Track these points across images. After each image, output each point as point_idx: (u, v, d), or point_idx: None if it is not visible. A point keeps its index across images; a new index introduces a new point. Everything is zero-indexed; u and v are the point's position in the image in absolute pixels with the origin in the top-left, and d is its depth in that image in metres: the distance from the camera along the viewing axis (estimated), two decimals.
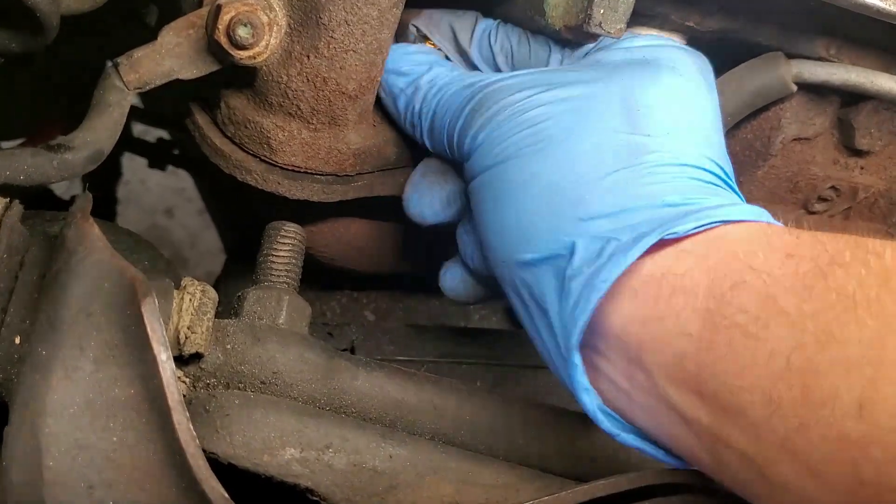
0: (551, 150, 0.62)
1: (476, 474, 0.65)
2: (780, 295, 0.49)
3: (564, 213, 0.59)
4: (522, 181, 0.62)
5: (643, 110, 0.63)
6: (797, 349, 0.47)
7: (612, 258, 0.55)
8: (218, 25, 0.65)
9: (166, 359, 0.52)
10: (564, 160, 0.61)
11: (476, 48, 0.76)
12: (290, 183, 0.76)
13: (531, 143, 0.63)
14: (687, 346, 0.52)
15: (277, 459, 0.60)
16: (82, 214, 0.57)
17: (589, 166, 0.61)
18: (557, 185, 0.61)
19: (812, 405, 0.46)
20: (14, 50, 0.67)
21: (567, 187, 0.60)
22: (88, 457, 0.52)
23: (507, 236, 0.62)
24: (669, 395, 0.53)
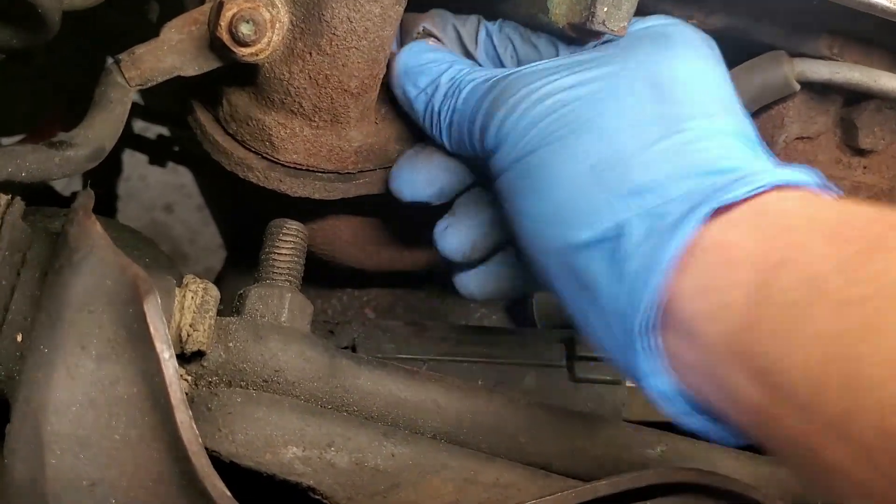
0: (586, 131, 0.61)
1: (478, 473, 0.65)
2: (826, 277, 0.48)
3: (611, 191, 0.58)
4: (561, 165, 0.61)
5: (668, 82, 0.62)
6: (841, 336, 0.46)
7: (667, 235, 0.54)
8: (220, 22, 0.64)
9: (169, 357, 0.52)
10: (602, 138, 0.60)
11: (482, 50, 0.75)
12: (292, 180, 0.76)
13: (562, 126, 0.62)
14: (737, 321, 0.51)
15: (279, 458, 0.60)
16: (84, 211, 0.57)
17: (629, 141, 0.60)
18: (599, 163, 0.60)
19: (857, 393, 0.45)
20: (15, 46, 0.67)
21: (610, 165, 0.59)
22: (90, 454, 0.52)
23: (550, 223, 0.61)
24: (722, 372, 0.52)
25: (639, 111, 0.61)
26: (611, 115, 0.61)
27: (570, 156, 0.61)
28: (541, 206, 0.62)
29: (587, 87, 0.63)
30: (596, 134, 0.61)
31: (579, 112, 0.62)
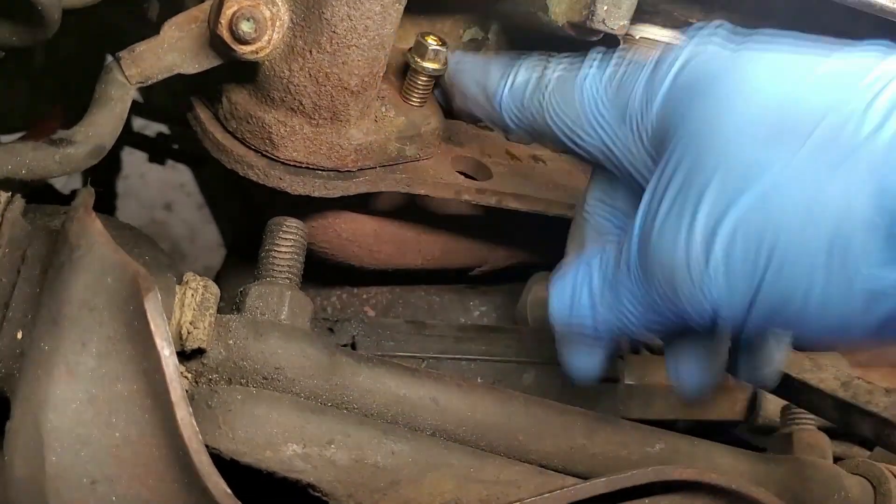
0: None
1: (477, 470, 0.65)
2: None
3: None
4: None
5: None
6: None
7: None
8: (220, 20, 0.64)
9: (169, 354, 0.52)
10: None
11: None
12: (292, 178, 0.76)
13: None
14: None
15: (280, 455, 0.60)
16: (85, 209, 0.57)
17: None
18: None
19: None
20: (14, 44, 0.67)
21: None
22: (91, 452, 0.52)
23: None
24: None
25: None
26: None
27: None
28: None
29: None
30: None
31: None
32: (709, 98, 0.57)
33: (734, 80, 0.56)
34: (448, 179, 0.82)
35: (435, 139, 0.82)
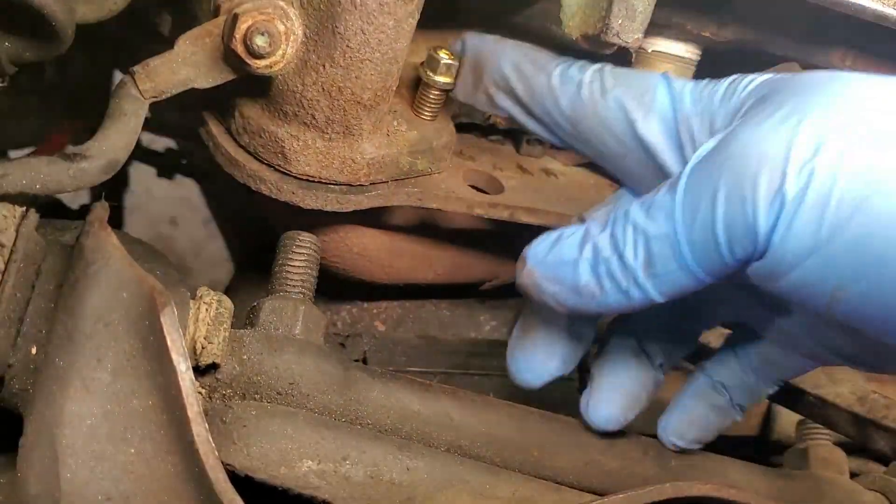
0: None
1: (493, 487, 0.65)
2: None
3: None
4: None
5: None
6: None
7: None
8: (235, 34, 0.64)
9: (185, 369, 0.51)
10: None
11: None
12: (304, 192, 0.76)
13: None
14: None
15: (295, 472, 0.60)
16: (100, 223, 0.56)
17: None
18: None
19: None
20: (28, 59, 0.67)
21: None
22: (106, 468, 0.52)
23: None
24: None
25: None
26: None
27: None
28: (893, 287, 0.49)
29: None
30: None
31: None
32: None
33: None
34: (460, 193, 0.82)
35: (447, 153, 0.82)
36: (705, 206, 0.53)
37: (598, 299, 0.59)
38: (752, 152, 0.52)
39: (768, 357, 0.70)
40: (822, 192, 0.49)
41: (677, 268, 0.56)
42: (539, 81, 0.69)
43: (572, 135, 0.68)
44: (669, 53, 0.81)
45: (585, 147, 0.68)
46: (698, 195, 0.54)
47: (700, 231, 0.54)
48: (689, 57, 0.82)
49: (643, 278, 0.57)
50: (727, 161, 0.53)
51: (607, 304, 0.59)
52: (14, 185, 0.59)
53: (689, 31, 0.78)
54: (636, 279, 0.57)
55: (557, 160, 0.98)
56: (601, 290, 0.59)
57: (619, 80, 0.66)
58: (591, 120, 0.66)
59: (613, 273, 0.58)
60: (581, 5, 0.71)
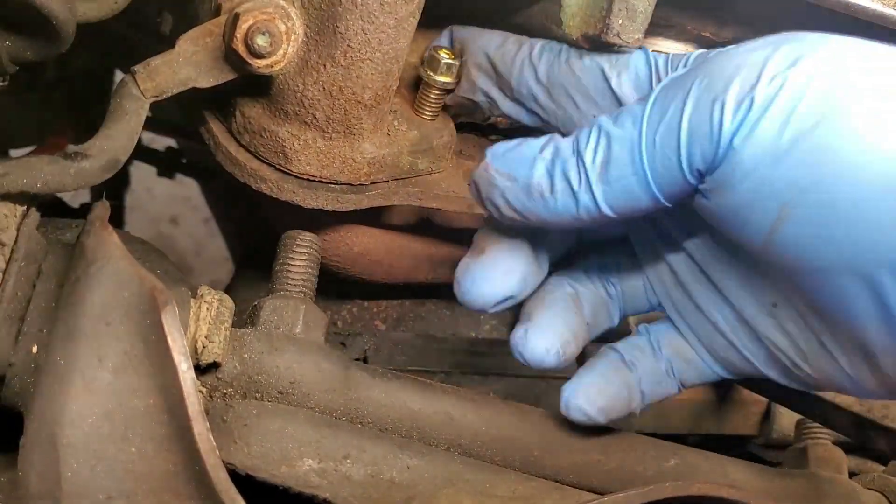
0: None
1: (493, 486, 0.65)
2: None
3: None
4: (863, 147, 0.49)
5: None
6: None
7: None
8: (236, 34, 0.64)
9: (187, 368, 0.51)
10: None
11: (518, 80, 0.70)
12: (305, 192, 0.76)
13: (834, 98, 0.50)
14: None
15: (295, 470, 0.60)
16: (101, 222, 0.56)
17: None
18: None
19: None
20: (28, 58, 0.67)
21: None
22: (107, 467, 0.52)
23: (862, 230, 0.49)
24: None
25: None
26: None
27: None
28: (835, 220, 0.50)
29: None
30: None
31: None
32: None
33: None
34: (460, 193, 0.82)
35: (447, 152, 0.82)
36: (674, 109, 0.54)
37: (548, 201, 0.59)
38: (729, 64, 0.54)
39: (678, 350, 0.69)
40: (790, 101, 0.51)
41: (632, 173, 0.56)
42: (521, 55, 0.71)
43: (545, 104, 0.70)
44: (669, 53, 0.81)
45: (556, 115, 0.69)
46: (668, 100, 0.55)
47: (663, 134, 0.55)
48: None
49: (596, 182, 0.57)
50: (702, 72, 0.55)
51: (555, 211, 0.59)
52: (15, 185, 0.59)
53: (689, 31, 0.78)
54: (588, 182, 0.57)
55: None
56: (552, 191, 0.58)
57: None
58: (567, 80, 0.68)
59: (567, 173, 0.58)
60: (581, 5, 0.71)
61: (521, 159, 0.60)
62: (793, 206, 0.51)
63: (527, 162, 0.60)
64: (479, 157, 0.90)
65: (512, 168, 0.60)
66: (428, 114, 0.80)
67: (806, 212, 0.51)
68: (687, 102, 0.54)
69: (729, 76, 0.53)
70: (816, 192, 0.50)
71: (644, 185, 0.56)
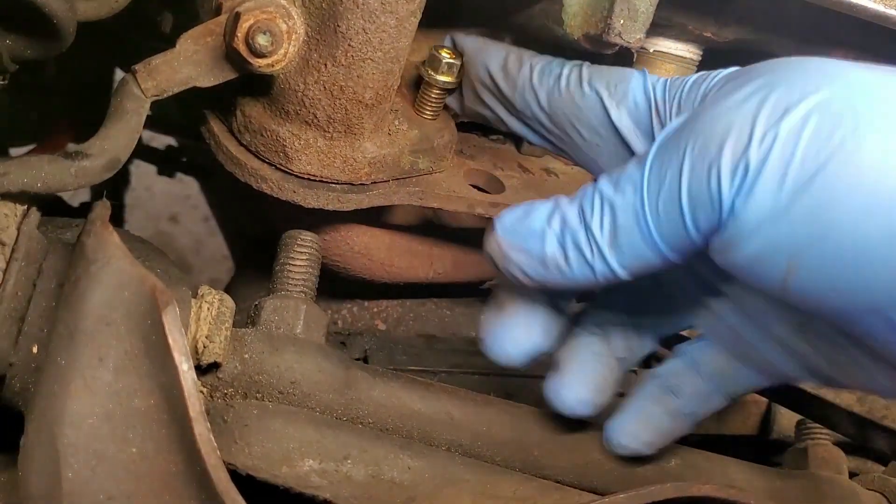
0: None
1: (494, 486, 0.65)
2: None
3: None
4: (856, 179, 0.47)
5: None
6: None
7: None
8: (237, 33, 0.64)
9: (188, 369, 0.51)
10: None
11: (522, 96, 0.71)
12: (306, 191, 0.75)
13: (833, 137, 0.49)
14: None
15: (296, 471, 0.60)
16: (101, 222, 0.56)
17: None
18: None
19: None
20: (29, 56, 0.67)
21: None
22: (107, 468, 0.52)
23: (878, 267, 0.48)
24: None
25: None
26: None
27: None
28: (850, 258, 0.49)
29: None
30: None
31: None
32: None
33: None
34: (461, 192, 0.82)
35: (448, 152, 0.82)
36: (671, 176, 0.54)
37: (564, 271, 0.59)
38: (719, 123, 0.53)
39: (719, 366, 0.69)
40: (784, 155, 0.50)
41: (641, 240, 0.56)
42: (522, 77, 0.71)
43: (550, 129, 0.70)
44: (671, 53, 0.81)
45: (562, 140, 0.70)
46: (665, 166, 0.55)
47: (665, 201, 0.54)
48: (690, 57, 0.82)
49: (608, 251, 0.57)
50: (695, 132, 0.54)
51: (573, 278, 0.59)
52: (15, 184, 0.59)
53: (690, 32, 0.78)
54: (601, 251, 0.57)
55: (558, 160, 0.98)
56: (566, 262, 0.59)
57: (595, 72, 0.67)
58: (568, 109, 0.68)
59: (579, 244, 0.58)
60: (583, 5, 0.71)
61: (530, 232, 0.60)
62: (800, 258, 0.50)
63: (536, 235, 0.60)
64: (480, 157, 0.90)
65: (523, 241, 0.60)
66: (429, 113, 0.80)
67: (813, 263, 0.50)
68: (683, 169, 0.53)
69: (721, 137, 0.52)
70: (820, 244, 0.49)
71: (655, 249, 0.56)
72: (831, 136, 0.49)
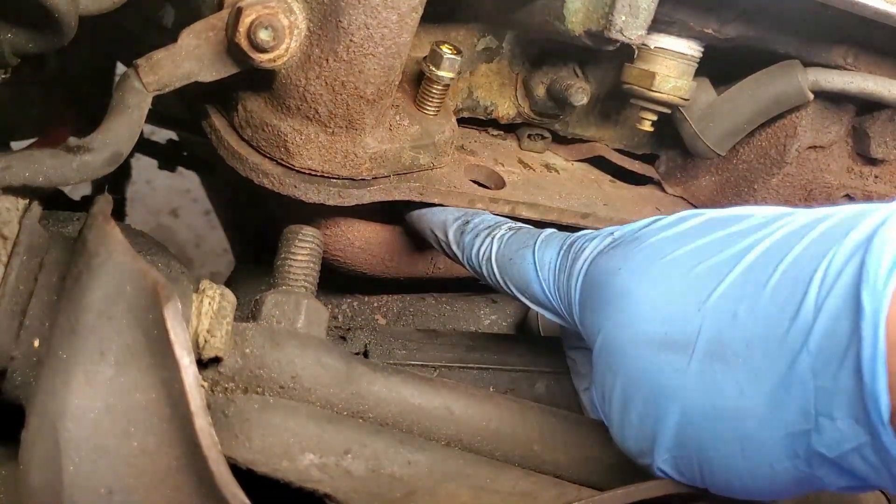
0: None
1: (493, 481, 0.65)
2: None
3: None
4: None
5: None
6: None
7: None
8: (239, 28, 0.64)
9: (189, 363, 0.51)
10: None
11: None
12: (307, 186, 0.76)
13: None
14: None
15: (296, 465, 0.60)
16: (103, 216, 0.56)
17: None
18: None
19: None
20: (30, 50, 0.67)
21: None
22: (108, 462, 0.52)
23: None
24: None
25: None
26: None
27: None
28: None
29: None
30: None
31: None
32: (605, 308, 0.63)
33: (624, 290, 0.62)
34: (461, 188, 0.82)
35: (449, 148, 0.82)
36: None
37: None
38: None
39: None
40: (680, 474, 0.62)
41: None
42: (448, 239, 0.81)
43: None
44: (672, 50, 0.81)
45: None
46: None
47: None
48: (691, 54, 0.82)
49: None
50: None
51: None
52: (17, 178, 0.59)
53: (691, 28, 0.78)
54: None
55: (559, 155, 0.98)
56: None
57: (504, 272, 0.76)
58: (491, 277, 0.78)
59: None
60: (585, 1, 0.71)
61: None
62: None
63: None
64: (481, 152, 0.90)
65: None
66: (430, 109, 0.80)
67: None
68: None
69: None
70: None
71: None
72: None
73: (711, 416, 0.57)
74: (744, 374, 0.55)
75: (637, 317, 0.60)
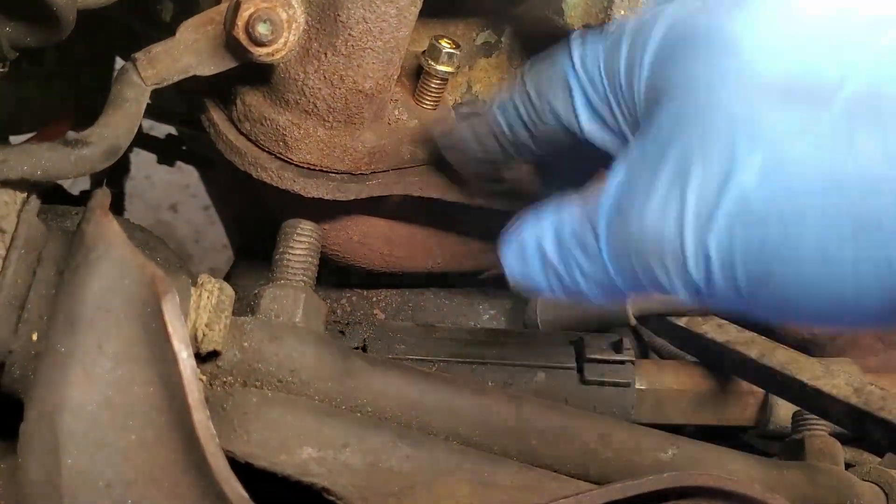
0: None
1: (492, 475, 0.65)
2: None
3: None
4: None
5: None
6: None
7: None
8: (237, 22, 0.64)
9: (187, 357, 0.51)
10: None
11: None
12: (305, 181, 0.76)
13: None
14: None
15: (294, 459, 0.60)
16: (101, 210, 0.56)
17: None
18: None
19: None
20: (29, 44, 0.67)
21: None
22: (106, 455, 0.52)
23: None
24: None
25: None
26: None
27: None
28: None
29: None
30: None
31: None
32: (704, 56, 0.51)
33: (734, 35, 0.50)
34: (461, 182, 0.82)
35: None
36: (630, 273, 0.56)
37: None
38: (649, 234, 0.53)
39: None
40: (727, 270, 0.50)
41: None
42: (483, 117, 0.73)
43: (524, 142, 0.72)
44: None
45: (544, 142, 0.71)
46: (621, 260, 0.56)
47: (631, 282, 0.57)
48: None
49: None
50: (631, 238, 0.54)
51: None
52: (15, 172, 0.59)
53: None
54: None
55: None
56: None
57: (531, 77, 0.68)
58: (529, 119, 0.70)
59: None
60: None
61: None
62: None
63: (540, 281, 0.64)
64: None
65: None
66: (429, 103, 0.80)
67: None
68: (637, 275, 0.55)
69: (659, 257, 0.53)
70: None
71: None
72: (764, 245, 0.48)
73: (820, 189, 0.46)
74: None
75: (751, 63, 0.49)
